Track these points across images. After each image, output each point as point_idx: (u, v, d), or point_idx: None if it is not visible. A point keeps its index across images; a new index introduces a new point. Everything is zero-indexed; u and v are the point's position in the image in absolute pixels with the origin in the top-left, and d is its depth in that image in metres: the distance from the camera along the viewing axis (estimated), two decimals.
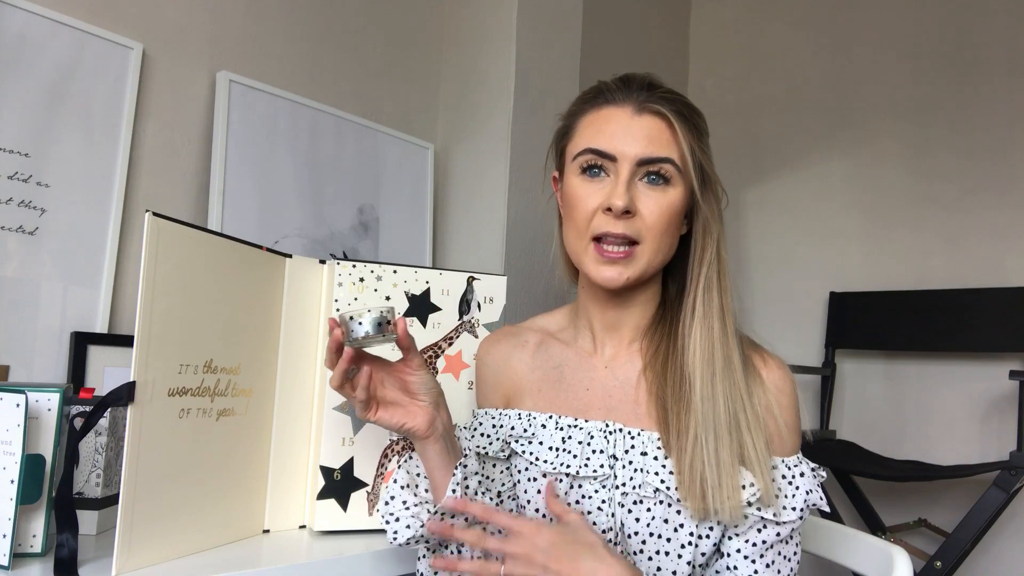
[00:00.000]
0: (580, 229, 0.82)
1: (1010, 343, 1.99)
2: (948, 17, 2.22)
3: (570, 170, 0.84)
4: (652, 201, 0.80)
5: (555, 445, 0.84)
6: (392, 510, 0.83)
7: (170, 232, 0.80)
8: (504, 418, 0.90)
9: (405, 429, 0.81)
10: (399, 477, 0.86)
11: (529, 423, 0.87)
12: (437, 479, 0.83)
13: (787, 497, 0.79)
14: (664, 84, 0.84)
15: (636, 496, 0.79)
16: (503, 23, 1.58)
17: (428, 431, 0.82)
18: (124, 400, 0.75)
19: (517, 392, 0.92)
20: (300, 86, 1.44)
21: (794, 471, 0.80)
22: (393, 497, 0.84)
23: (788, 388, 0.83)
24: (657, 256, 0.82)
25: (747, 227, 2.54)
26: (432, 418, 0.82)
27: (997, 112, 2.12)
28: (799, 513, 0.78)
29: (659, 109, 0.80)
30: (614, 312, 0.87)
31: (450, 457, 0.83)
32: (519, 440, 0.87)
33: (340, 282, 0.99)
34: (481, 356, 0.98)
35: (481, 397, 0.97)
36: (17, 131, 1.08)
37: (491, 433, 0.90)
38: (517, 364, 0.93)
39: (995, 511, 1.72)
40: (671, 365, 0.82)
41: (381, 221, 1.55)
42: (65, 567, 0.74)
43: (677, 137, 0.80)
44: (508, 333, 0.97)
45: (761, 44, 2.58)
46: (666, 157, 0.80)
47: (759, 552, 0.78)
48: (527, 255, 1.55)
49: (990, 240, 2.10)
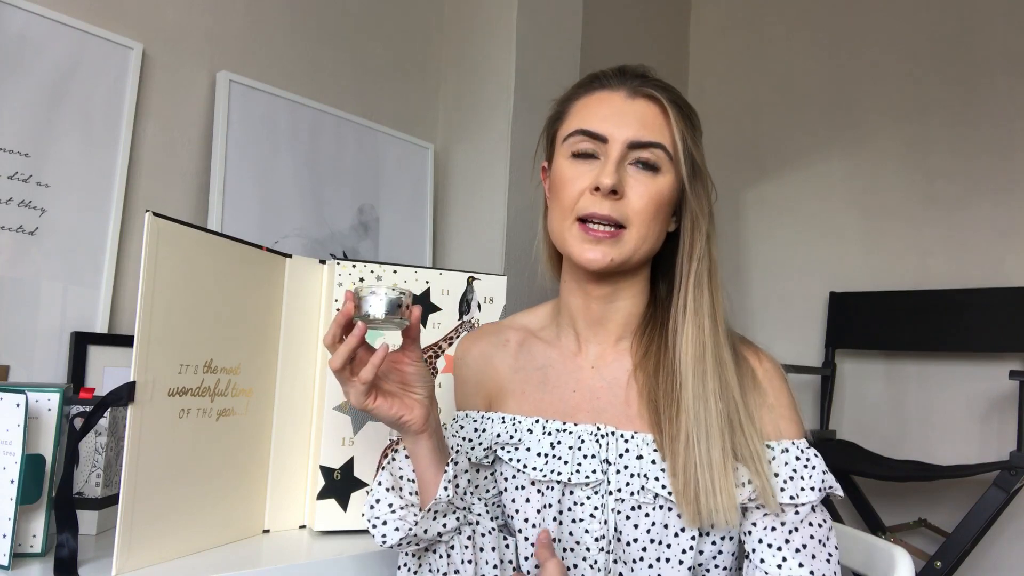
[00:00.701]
0: (565, 210, 0.79)
1: (1010, 343, 1.99)
2: (948, 17, 2.23)
3: (560, 152, 0.82)
4: (641, 185, 0.78)
5: (543, 451, 0.81)
6: (378, 514, 0.79)
7: (170, 232, 0.80)
8: (487, 422, 0.86)
9: (402, 422, 0.77)
10: (383, 479, 0.81)
11: (515, 428, 0.84)
12: (428, 477, 0.79)
13: (803, 479, 0.76)
14: (660, 77, 0.83)
15: (634, 502, 0.77)
16: (503, 23, 1.58)
17: (424, 425, 0.78)
18: (124, 400, 0.75)
19: (500, 394, 0.88)
20: (300, 86, 1.44)
21: (808, 453, 0.78)
22: (379, 500, 0.80)
23: (781, 380, 0.82)
24: (644, 243, 0.79)
25: (747, 227, 2.54)
26: (427, 412, 0.78)
27: (997, 112, 2.12)
28: (818, 494, 0.75)
29: (653, 94, 0.79)
30: (598, 307, 0.84)
31: (441, 454, 0.80)
32: (504, 447, 0.83)
33: (340, 282, 0.99)
34: (461, 356, 0.93)
35: (461, 398, 0.93)
36: (17, 131, 1.08)
37: (473, 438, 0.87)
38: (499, 364, 0.89)
39: (995, 511, 1.72)
40: (662, 365, 0.80)
41: (381, 221, 1.55)
42: (65, 567, 0.74)
43: (670, 123, 0.79)
44: (488, 332, 0.93)
45: (761, 44, 2.58)
46: (657, 142, 0.78)
47: (783, 538, 0.74)
48: (527, 255, 1.55)
49: (990, 240, 2.10)
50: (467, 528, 0.80)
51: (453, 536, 0.80)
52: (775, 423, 0.79)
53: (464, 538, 0.80)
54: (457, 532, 0.80)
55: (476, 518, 0.81)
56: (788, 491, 0.75)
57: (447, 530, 0.79)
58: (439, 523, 0.78)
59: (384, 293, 0.74)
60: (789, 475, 0.76)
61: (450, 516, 0.79)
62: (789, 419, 0.80)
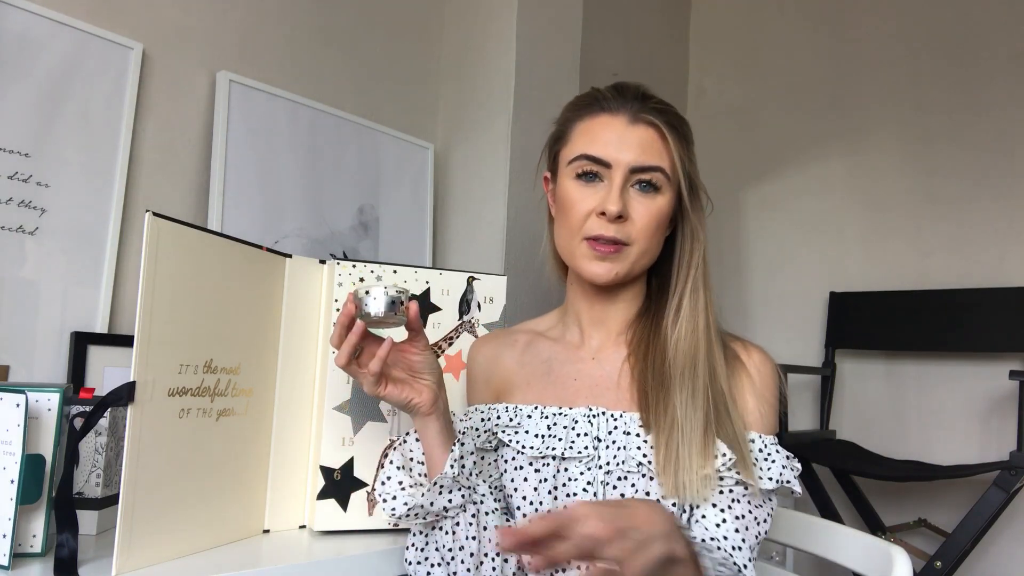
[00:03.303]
0: (573, 230, 0.87)
1: (1010, 343, 1.99)
2: (948, 17, 2.22)
3: (564, 173, 0.89)
4: (643, 207, 0.85)
5: (541, 432, 0.87)
6: (388, 489, 0.88)
7: (170, 232, 0.80)
8: (492, 412, 0.93)
9: (412, 404, 0.86)
10: (394, 459, 0.90)
11: (516, 414, 0.90)
12: (436, 456, 0.88)
13: (761, 469, 0.81)
14: (655, 95, 0.89)
15: (620, 472, 0.82)
16: (503, 23, 1.58)
17: (432, 408, 0.87)
18: (124, 400, 0.75)
19: (507, 388, 0.95)
20: (300, 86, 1.44)
21: (770, 448, 0.83)
22: (389, 478, 0.89)
23: (769, 371, 0.87)
24: (644, 256, 0.87)
25: (747, 227, 2.53)
26: (436, 395, 0.87)
27: (997, 112, 2.12)
28: (772, 484, 0.81)
29: (653, 120, 0.85)
30: (601, 306, 0.92)
31: (448, 436, 0.89)
32: (505, 430, 0.90)
33: (340, 282, 0.99)
34: (472, 356, 1.01)
35: (472, 395, 1.00)
36: (17, 131, 1.08)
37: (479, 426, 0.93)
38: (507, 361, 0.96)
39: (995, 511, 1.72)
40: (654, 352, 0.87)
41: (381, 221, 1.55)
42: (65, 567, 0.74)
43: (668, 147, 0.85)
44: (498, 335, 1.02)
45: (761, 43, 2.58)
46: (657, 166, 0.85)
47: (727, 502, 0.80)
48: (527, 255, 1.55)
49: (990, 240, 2.10)
50: (471, 507, 0.87)
51: (458, 513, 0.87)
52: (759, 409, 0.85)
53: (468, 516, 0.87)
54: (462, 509, 0.87)
55: (480, 498, 0.87)
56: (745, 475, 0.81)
57: (452, 506, 0.86)
58: (444, 498, 0.86)
59: (383, 292, 0.80)
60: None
61: (455, 493, 0.86)
62: (765, 413, 0.86)
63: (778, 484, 0.81)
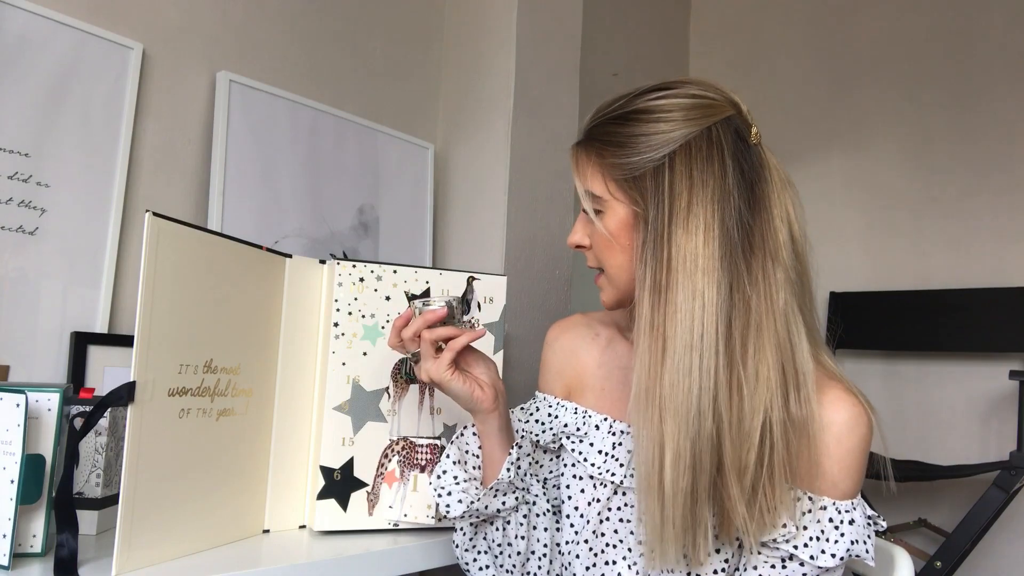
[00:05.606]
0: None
1: (1010, 343, 1.99)
2: (949, 17, 2.22)
3: None
4: (595, 231, 0.83)
5: (605, 449, 0.86)
6: (444, 483, 0.87)
7: (170, 232, 0.80)
8: (561, 409, 0.92)
9: (475, 399, 0.85)
10: (451, 452, 0.89)
11: (584, 421, 0.89)
12: (494, 455, 0.87)
13: (828, 541, 0.75)
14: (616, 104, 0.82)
15: None
16: (503, 23, 1.58)
17: (493, 404, 0.86)
18: (124, 400, 0.75)
19: (580, 386, 0.93)
20: (300, 86, 1.44)
21: (844, 516, 0.76)
22: (445, 472, 0.87)
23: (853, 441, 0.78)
24: (622, 273, 0.81)
25: None
26: (496, 395, 0.86)
27: (998, 112, 2.12)
28: (837, 561, 0.74)
29: (582, 141, 0.83)
30: None
31: (507, 435, 0.88)
32: (571, 437, 0.90)
33: (340, 282, 0.99)
34: (550, 341, 0.99)
35: (543, 381, 0.98)
36: (17, 131, 1.08)
37: (545, 421, 0.93)
38: (586, 357, 0.94)
39: (995, 511, 1.72)
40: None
41: (381, 221, 1.55)
42: (65, 567, 0.74)
43: (597, 165, 0.81)
44: (580, 322, 0.98)
45: (761, 43, 2.58)
46: (589, 190, 0.81)
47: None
48: (527, 255, 1.55)
49: (990, 240, 2.10)
50: (524, 507, 0.88)
51: (510, 512, 0.88)
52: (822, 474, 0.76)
53: (520, 516, 0.88)
54: (514, 510, 0.88)
55: (533, 498, 0.89)
56: (811, 549, 0.75)
57: (505, 507, 0.86)
58: (499, 500, 0.86)
59: (456, 300, 0.87)
60: (816, 534, 0.75)
61: (509, 495, 0.86)
62: (838, 476, 0.76)
63: (842, 560, 0.74)
